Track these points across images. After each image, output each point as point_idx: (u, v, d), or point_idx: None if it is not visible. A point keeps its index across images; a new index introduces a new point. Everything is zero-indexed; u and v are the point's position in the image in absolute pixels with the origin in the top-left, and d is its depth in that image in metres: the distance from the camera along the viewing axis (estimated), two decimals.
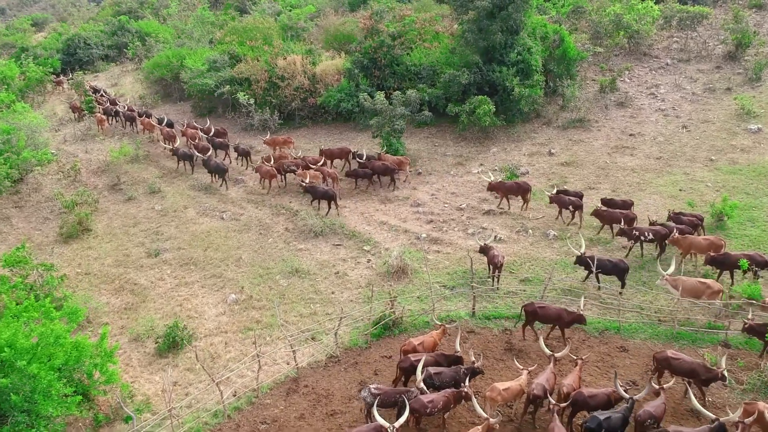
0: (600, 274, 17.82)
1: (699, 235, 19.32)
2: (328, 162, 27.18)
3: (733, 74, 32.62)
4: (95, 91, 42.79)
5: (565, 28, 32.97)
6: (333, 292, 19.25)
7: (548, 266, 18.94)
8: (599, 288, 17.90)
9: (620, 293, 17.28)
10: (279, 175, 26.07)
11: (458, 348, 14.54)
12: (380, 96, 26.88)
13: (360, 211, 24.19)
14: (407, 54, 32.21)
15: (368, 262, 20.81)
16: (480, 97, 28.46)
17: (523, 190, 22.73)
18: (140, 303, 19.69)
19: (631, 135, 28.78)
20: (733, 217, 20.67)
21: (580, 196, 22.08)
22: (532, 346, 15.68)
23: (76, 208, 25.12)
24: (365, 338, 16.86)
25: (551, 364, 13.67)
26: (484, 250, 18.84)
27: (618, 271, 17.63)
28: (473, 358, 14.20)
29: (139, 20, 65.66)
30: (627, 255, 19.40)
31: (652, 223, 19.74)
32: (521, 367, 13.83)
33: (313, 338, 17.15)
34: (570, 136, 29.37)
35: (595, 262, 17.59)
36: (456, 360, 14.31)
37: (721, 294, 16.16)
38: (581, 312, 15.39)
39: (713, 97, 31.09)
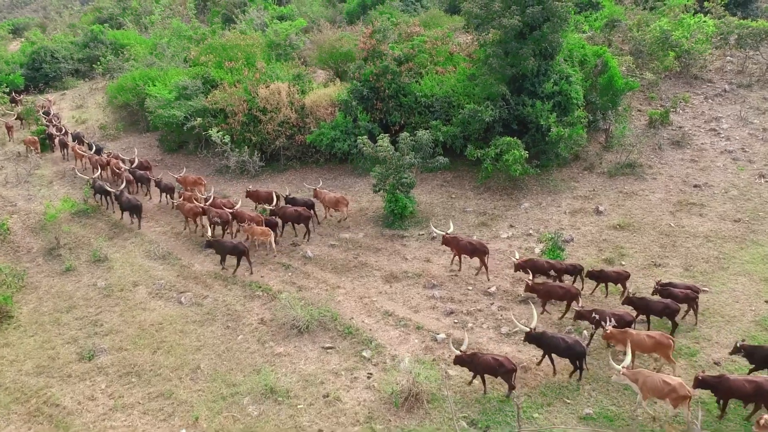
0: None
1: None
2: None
3: None
4: (46, 114, 38.56)
5: (609, 51, 28.35)
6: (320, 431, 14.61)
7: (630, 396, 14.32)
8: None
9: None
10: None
11: None
12: (384, 141, 22.29)
13: (358, 294, 19.60)
14: (416, 82, 27.68)
15: (369, 377, 16.21)
16: (508, 139, 23.96)
17: (479, 252, 19.70)
18: None
19: (695, 186, 24.27)
20: None
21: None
22: None
23: None
24: None
25: None
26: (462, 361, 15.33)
27: (572, 354, 15.14)
28: None
29: (121, 28, 61.92)
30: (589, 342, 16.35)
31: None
32: None
33: None
34: (620, 186, 24.82)
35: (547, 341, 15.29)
36: None
37: (688, 401, 13.37)
38: None
39: None
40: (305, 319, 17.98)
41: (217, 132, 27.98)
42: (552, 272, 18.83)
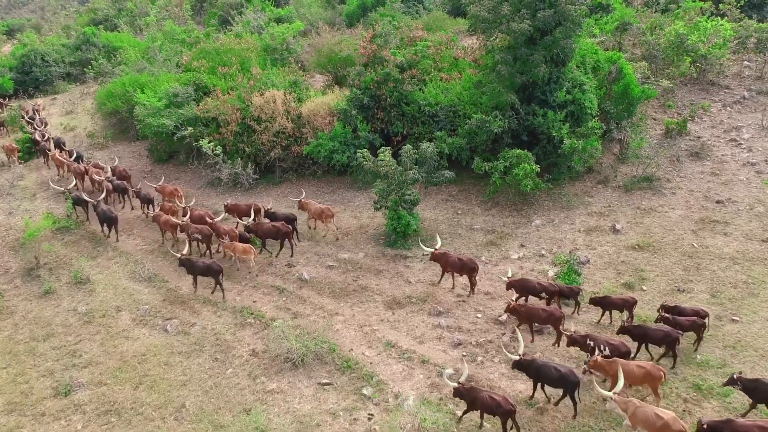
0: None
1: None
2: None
3: None
4: (31, 119, 37.40)
5: (624, 57, 27.06)
6: None
7: None
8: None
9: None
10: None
11: None
12: (386, 155, 20.99)
13: (358, 322, 18.29)
14: (419, 90, 26.38)
15: (370, 419, 14.92)
16: (518, 151, 22.69)
17: (468, 269, 18.86)
18: None
19: (718, 202, 22.97)
20: None
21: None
22: None
23: None
24: None
25: None
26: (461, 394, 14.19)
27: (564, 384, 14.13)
28: None
29: (115, 30, 60.78)
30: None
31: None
32: None
33: None
34: (637, 201, 23.53)
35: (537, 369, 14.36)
36: None
37: None
38: None
39: None
40: (300, 351, 16.69)
41: (209, 142, 26.68)
42: (543, 294, 17.80)
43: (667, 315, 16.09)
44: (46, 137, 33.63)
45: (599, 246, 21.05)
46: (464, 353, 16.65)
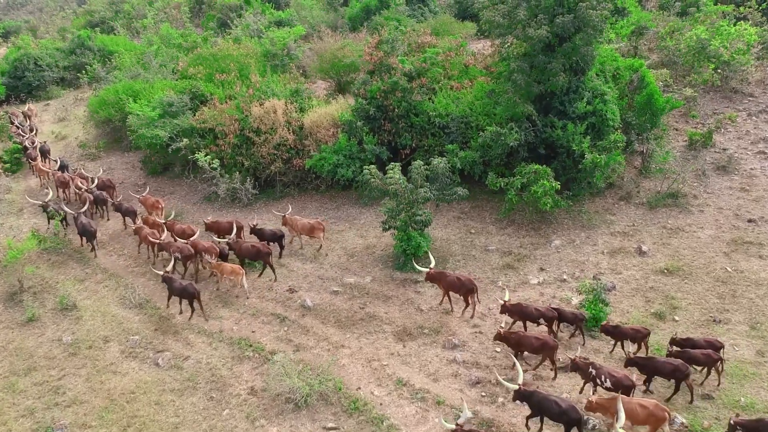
0: None
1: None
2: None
3: None
4: (19, 125, 36.42)
5: (645, 65, 25.73)
6: None
7: None
8: None
9: None
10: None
11: None
12: (395, 172, 19.65)
13: (366, 356, 16.95)
14: (429, 99, 25.06)
15: None
16: (536, 167, 21.38)
17: (467, 289, 17.95)
18: None
19: (750, 221, 21.69)
20: None
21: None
22: None
23: None
24: None
25: None
26: None
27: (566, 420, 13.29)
28: None
29: (112, 32, 59.65)
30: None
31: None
32: None
33: None
34: (662, 220, 22.20)
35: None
36: None
37: None
38: None
39: None
40: (303, 391, 15.36)
41: (205, 155, 25.37)
42: (542, 321, 16.82)
43: (682, 347, 15.22)
44: (34, 144, 32.53)
45: (625, 270, 19.71)
46: (483, 393, 15.32)
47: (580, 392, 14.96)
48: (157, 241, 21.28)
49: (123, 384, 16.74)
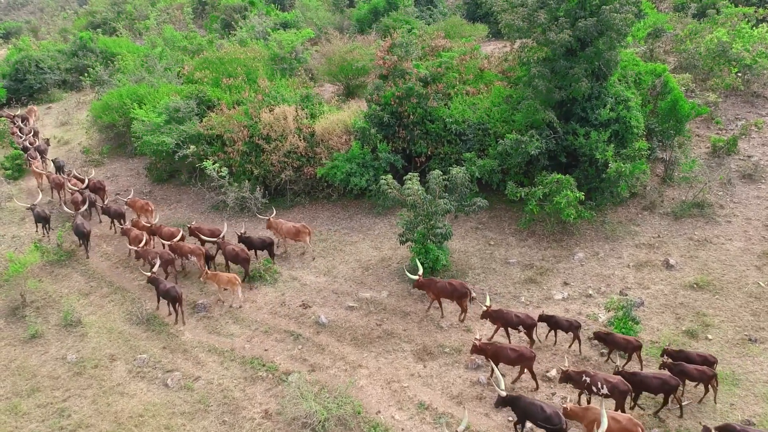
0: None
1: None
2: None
3: None
4: (20, 129, 35.97)
5: (668, 69, 25.11)
6: None
7: None
8: None
9: None
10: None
11: None
12: (413, 183, 19.03)
13: (385, 377, 16.34)
14: (444, 105, 24.45)
15: None
16: (558, 176, 20.76)
17: (459, 294, 17.85)
18: None
19: None
20: None
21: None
22: None
23: None
24: None
25: None
26: None
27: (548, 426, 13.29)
28: None
29: (114, 33, 59.16)
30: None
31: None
32: None
33: None
34: (688, 231, 21.57)
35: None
36: None
37: None
38: None
39: None
40: (320, 415, 14.74)
41: (213, 163, 24.78)
42: (521, 328, 16.64)
43: (675, 360, 14.89)
44: (34, 145, 32.33)
45: (652, 284, 19.08)
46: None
47: (577, 402, 14.71)
48: (135, 248, 21.51)
49: (131, 406, 16.14)
